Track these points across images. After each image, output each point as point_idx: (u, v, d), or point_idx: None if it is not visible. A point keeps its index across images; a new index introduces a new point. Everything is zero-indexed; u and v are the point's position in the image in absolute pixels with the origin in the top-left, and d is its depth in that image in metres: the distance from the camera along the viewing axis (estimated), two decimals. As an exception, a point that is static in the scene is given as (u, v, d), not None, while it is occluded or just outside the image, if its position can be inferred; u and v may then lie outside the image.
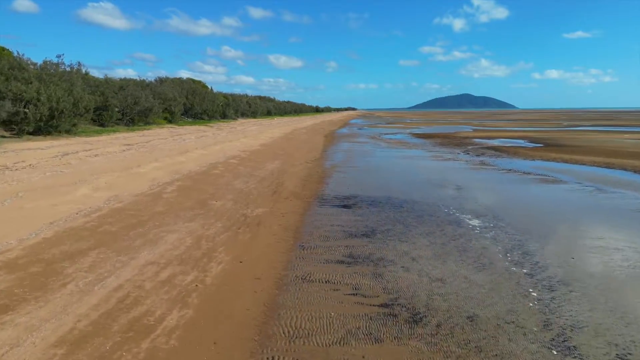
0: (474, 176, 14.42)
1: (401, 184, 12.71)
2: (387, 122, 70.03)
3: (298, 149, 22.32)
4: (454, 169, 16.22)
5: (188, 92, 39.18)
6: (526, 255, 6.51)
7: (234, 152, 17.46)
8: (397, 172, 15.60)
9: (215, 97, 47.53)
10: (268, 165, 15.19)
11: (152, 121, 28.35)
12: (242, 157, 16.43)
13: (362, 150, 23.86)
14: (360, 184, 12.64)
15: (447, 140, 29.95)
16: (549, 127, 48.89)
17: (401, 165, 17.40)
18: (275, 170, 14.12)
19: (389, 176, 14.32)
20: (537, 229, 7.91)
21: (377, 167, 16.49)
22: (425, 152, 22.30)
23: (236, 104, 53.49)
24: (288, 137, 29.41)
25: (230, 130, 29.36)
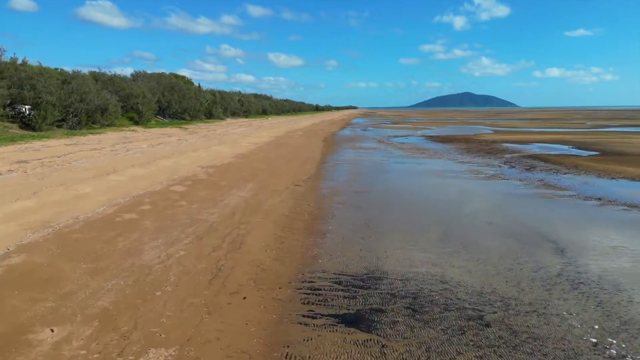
0: (558, 214, 9.02)
1: (454, 240, 7.31)
2: (392, 121, 64.56)
3: (288, 160, 16.97)
4: (514, 196, 10.85)
5: (165, 88, 33.80)
6: None
7: (190, 169, 12.10)
8: (432, 203, 10.21)
9: (199, 94, 42.17)
10: (233, 194, 9.81)
11: (112, 122, 22.96)
12: (199, 178, 11.06)
13: (371, 161, 18.50)
14: (381, 238, 7.26)
15: (472, 145, 24.56)
16: (575, 127, 43.45)
17: (433, 188, 12.01)
18: (241, 206, 8.75)
19: (423, 216, 8.91)
20: None
21: (398, 194, 11.12)
22: (455, 165, 16.91)
23: (225, 102, 48.12)
24: (278, 142, 24.04)
25: (205, 134, 24.02)
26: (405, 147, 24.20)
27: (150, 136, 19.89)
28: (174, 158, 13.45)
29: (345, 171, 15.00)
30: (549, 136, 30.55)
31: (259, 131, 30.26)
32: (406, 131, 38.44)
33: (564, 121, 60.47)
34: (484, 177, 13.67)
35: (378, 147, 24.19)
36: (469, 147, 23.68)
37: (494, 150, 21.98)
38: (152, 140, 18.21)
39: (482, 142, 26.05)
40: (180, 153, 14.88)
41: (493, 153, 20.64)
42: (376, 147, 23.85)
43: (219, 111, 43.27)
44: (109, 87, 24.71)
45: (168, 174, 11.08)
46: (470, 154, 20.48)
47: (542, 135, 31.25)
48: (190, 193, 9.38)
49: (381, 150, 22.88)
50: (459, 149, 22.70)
